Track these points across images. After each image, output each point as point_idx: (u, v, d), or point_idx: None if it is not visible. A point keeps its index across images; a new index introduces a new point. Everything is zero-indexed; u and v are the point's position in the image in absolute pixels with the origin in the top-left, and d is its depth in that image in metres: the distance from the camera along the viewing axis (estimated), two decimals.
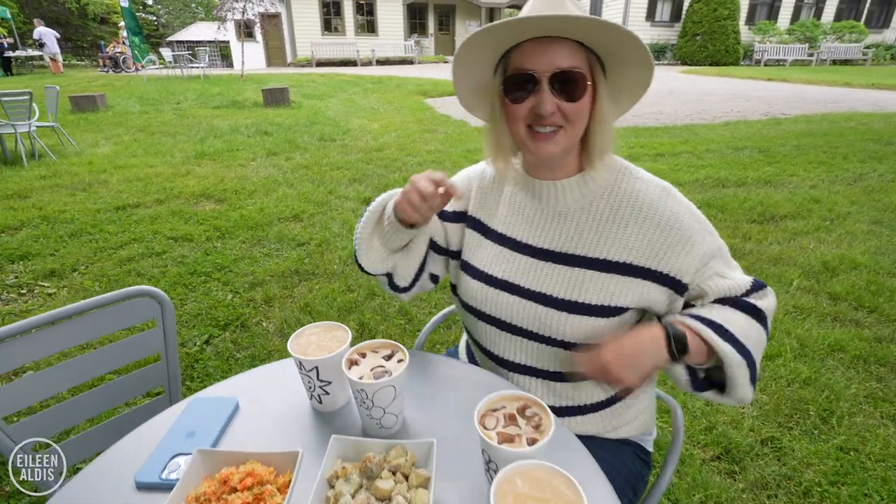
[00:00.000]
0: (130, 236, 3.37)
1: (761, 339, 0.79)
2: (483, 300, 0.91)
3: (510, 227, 0.90)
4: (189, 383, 1.97)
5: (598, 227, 0.83)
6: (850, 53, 19.64)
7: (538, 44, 0.74)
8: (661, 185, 0.83)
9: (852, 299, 2.56)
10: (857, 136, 6.23)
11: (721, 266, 0.81)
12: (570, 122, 0.76)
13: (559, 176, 0.85)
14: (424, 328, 1.20)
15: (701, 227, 0.80)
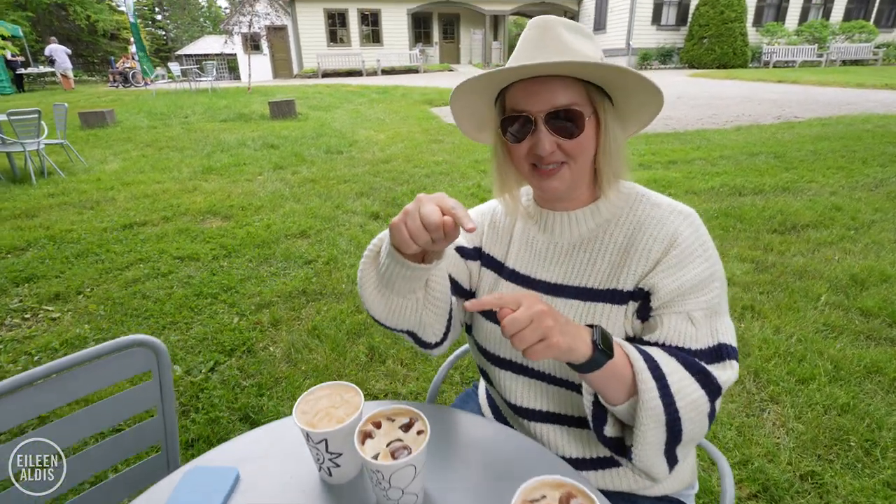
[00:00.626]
0: (136, 256, 3.32)
1: (698, 412, 0.65)
2: (498, 343, 0.85)
3: (523, 264, 0.86)
4: (194, 415, 1.89)
5: (612, 257, 0.77)
6: (861, 53, 19.39)
7: (531, 83, 0.70)
8: (681, 211, 0.76)
9: (886, 315, 2.43)
10: (875, 139, 6.07)
11: (698, 308, 0.70)
12: (572, 158, 0.73)
13: (571, 207, 0.81)
14: (436, 376, 1.11)
15: (702, 253, 0.72)
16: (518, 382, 0.84)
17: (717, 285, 0.72)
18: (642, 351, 0.67)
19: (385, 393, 2.02)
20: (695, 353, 0.69)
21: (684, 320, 0.70)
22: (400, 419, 0.66)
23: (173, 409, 0.92)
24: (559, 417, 0.82)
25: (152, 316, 2.60)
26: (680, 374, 0.66)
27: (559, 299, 0.80)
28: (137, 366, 0.90)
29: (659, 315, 0.72)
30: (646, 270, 0.73)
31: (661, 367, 0.65)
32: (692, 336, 0.70)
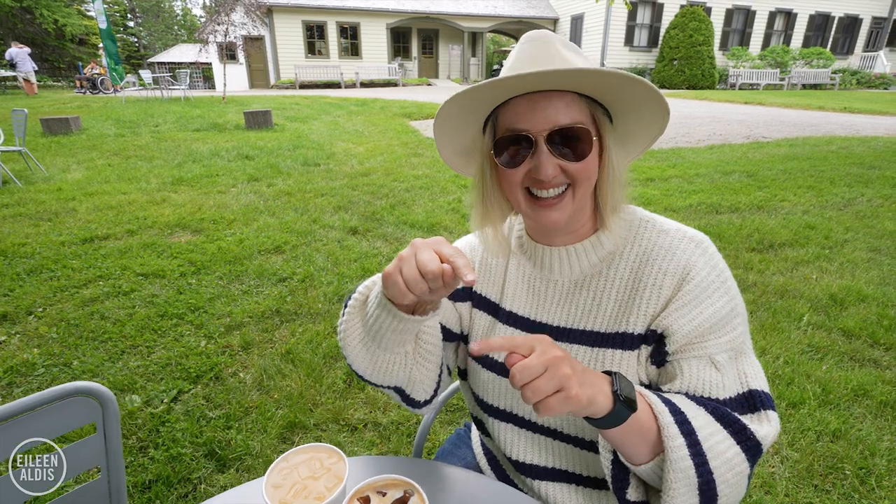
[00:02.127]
0: (96, 273, 3.11)
1: (735, 473, 0.57)
2: (497, 394, 0.76)
3: (521, 305, 0.77)
4: (153, 451, 1.72)
5: (619, 295, 0.69)
6: (819, 78, 20.39)
7: (530, 99, 0.62)
8: (691, 237, 0.68)
9: (867, 336, 2.44)
10: (840, 160, 6.30)
11: (721, 350, 0.62)
12: (577, 183, 0.65)
13: (570, 241, 0.72)
14: (420, 426, 1.00)
15: (720, 286, 0.64)
16: (520, 437, 0.76)
17: (739, 321, 0.65)
18: (667, 401, 0.59)
19: (365, 423, 1.89)
20: (723, 404, 0.61)
21: (707, 365, 0.62)
22: (393, 492, 0.56)
23: (121, 467, 0.79)
24: (568, 475, 0.73)
25: (110, 339, 2.40)
26: (712, 427, 0.58)
27: (563, 344, 0.71)
28: (80, 417, 0.76)
29: (677, 361, 0.64)
30: (657, 309, 0.66)
31: (690, 420, 0.57)
32: (718, 384, 0.62)
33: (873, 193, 4.85)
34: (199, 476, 1.64)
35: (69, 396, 0.75)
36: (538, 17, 22.52)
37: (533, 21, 22.61)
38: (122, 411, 1.90)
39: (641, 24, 20.19)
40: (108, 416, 0.77)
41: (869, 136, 8.08)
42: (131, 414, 1.90)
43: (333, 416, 1.91)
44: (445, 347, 0.81)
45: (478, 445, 0.94)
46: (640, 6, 19.85)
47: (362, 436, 1.83)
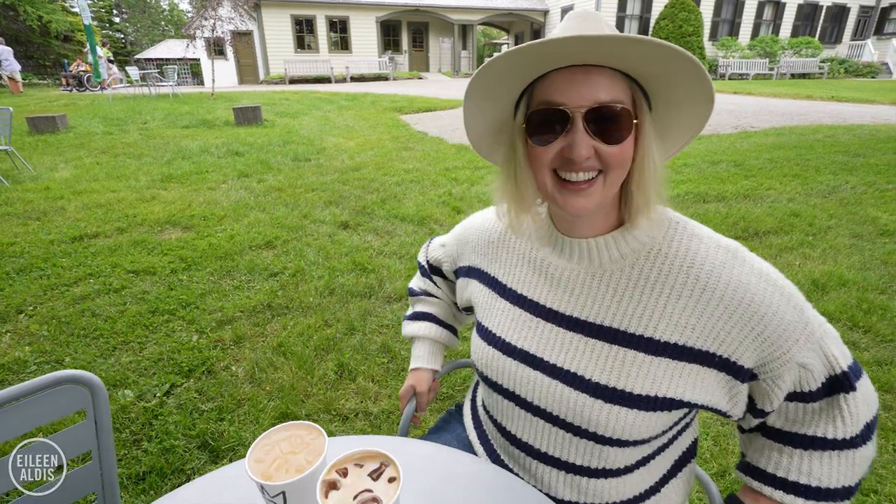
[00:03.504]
0: (86, 271, 3.11)
1: (863, 467, 0.65)
2: (499, 371, 0.75)
3: (530, 288, 0.75)
4: (146, 444, 1.75)
5: (643, 296, 0.66)
6: (808, 67, 20.52)
7: (570, 73, 0.58)
8: (726, 246, 0.64)
9: (846, 319, 2.51)
10: (826, 148, 6.38)
11: (805, 353, 0.62)
12: (609, 169, 0.61)
13: (593, 233, 0.69)
14: (402, 420, 1.03)
15: (781, 299, 0.61)
16: (519, 415, 0.76)
17: (808, 318, 0.62)
18: (789, 485, 0.66)
19: (356, 412, 1.93)
20: (812, 395, 0.64)
21: (797, 370, 0.63)
22: (369, 464, 0.59)
23: (112, 452, 0.81)
24: (559, 463, 0.74)
25: (102, 336, 2.42)
26: (825, 465, 0.65)
27: (576, 335, 0.69)
28: (70, 405, 0.79)
29: (770, 379, 0.63)
30: (698, 326, 0.62)
31: (815, 486, 0.65)
32: (809, 379, 0.63)
33: (857, 181, 4.93)
34: (193, 467, 1.66)
35: (59, 385, 0.77)
36: (529, 8, 22.45)
37: (524, 13, 22.54)
38: (115, 406, 1.92)
39: (631, 14, 20.21)
40: (98, 402, 0.79)
41: (855, 125, 8.17)
42: (124, 408, 1.92)
43: (325, 407, 1.94)
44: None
45: (469, 425, 0.95)
46: None
47: (353, 425, 1.86)
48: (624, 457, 0.70)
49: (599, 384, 0.66)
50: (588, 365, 0.68)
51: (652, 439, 0.69)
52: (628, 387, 0.65)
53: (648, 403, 0.64)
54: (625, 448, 0.69)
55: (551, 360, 0.70)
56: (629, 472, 0.73)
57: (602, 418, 0.65)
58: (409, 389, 1.03)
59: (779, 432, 0.68)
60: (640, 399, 0.64)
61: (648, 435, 0.67)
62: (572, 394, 0.68)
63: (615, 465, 0.71)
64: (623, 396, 0.65)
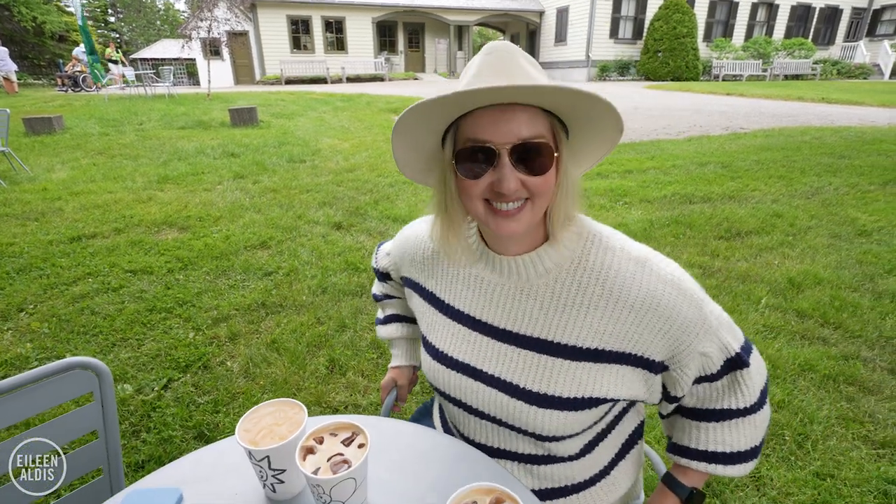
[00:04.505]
0: (85, 270, 3.19)
1: (763, 427, 0.79)
2: (445, 383, 0.83)
3: (466, 303, 0.81)
4: (145, 435, 1.84)
5: (566, 308, 0.73)
6: (801, 69, 20.73)
7: (493, 111, 0.63)
8: (636, 257, 0.71)
9: (818, 316, 2.61)
10: (812, 150, 6.51)
11: (705, 343, 0.71)
12: (535, 197, 0.67)
13: (520, 250, 0.75)
14: (382, 410, 1.12)
15: (684, 301, 0.69)
16: (471, 420, 0.83)
17: (705, 305, 0.71)
18: (708, 455, 0.78)
19: (345, 405, 2.02)
20: (714, 376, 0.75)
21: (699, 358, 0.72)
22: (342, 434, 0.68)
23: (117, 431, 0.90)
24: (514, 455, 0.82)
25: (101, 333, 2.50)
26: (734, 432, 0.77)
27: (510, 347, 0.76)
28: (79, 388, 0.88)
29: (678, 368, 0.73)
30: (614, 332, 0.71)
31: (729, 452, 0.77)
32: (709, 365, 0.74)
33: (840, 182, 5.05)
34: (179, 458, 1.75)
35: (68, 370, 0.86)
36: (524, 9, 22.58)
37: (519, 14, 22.67)
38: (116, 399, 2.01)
39: (626, 16, 20.36)
40: (104, 386, 0.88)
41: (842, 127, 8.31)
42: (124, 401, 2.01)
43: (316, 400, 2.03)
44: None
45: (437, 419, 1.02)
46: None
47: None
48: (566, 447, 0.79)
49: (531, 391, 0.74)
50: (521, 374, 0.75)
51: (586, 430, 0.78)
52: (556, 391, 0.73)
53: (575, 404, 0.73)
54: (563, 441, 0.78)
55: (489, 371, 0.77)
56: (575, 460, 0.82)
57: (537, 421, 0.74)
58: (390, 381, 1.13)
59: (693, 411, 0.80)
60: (567, 401, 0.73)
61: (581, 429, 0.76)
62: (510, 401, 0.75)
63: (561, 453, 0.80)
64: (552, 400, 0.73)
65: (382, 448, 0.78)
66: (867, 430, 1.85)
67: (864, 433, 1.84)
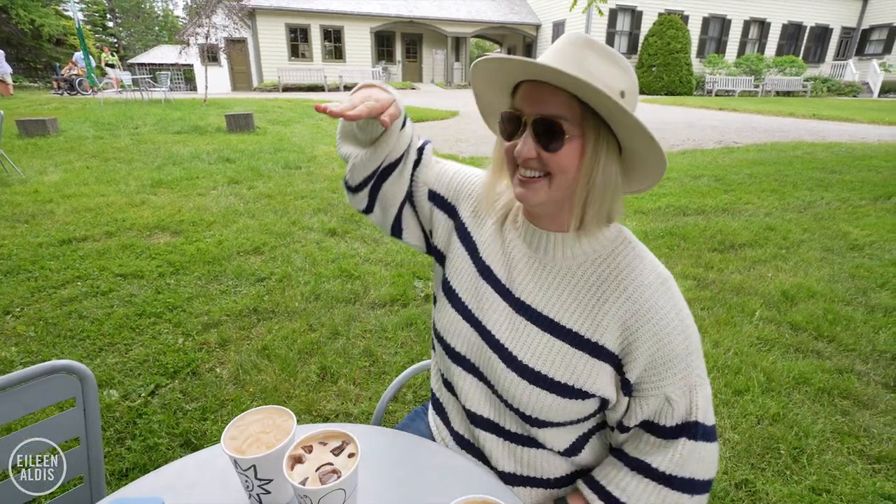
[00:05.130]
0: (74, 273, 3.14)
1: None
2: (455, 333, 0.83)
3: (495, 263, 0.83)
4: (130, 442, 1.79)
5: (580, 295, 0.75)
6: (792, 86, 21.07)
7: (533, 86, 0.70)
8: (660, 273, 0.74)
9: (812, 329, 2.61)
10: (804, 165, 6.59)
11: (676, 391, 0.71)
12: (552, 173, 0.70)
13: (552, 228, 0.77)
14: (382, 398, 1.10)
15: (684, 340, 0.71)
16: (467, 380, 0.83)
17: (694, 358, 0.72)
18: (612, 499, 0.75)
19: (336, 413, 1.99)
20: (667, 430, 0.72)
21: (663, 402, 0.72)
22: (332, 442, 0.66)
23: (99, 437, 0.87)
24: (500, 430, 0.82)
25: (88, 337, 2.45)
26: (654, 496, 0.73)
27: (519, 317, 0.77)
28: (61, 393, 0.85)
29: (639, 398, 0.73)
30: (616, 332, 0.72)
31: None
32: (668, 413, 0.72)
33: (832, 196, 5.10)
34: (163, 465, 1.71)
35: (51, 374, 0.84)
36: (521, 22, 22.85)
37: (516, 27, 22.93)
38: (101, 405, 1.96)
39: (621, 31, 20.65)
40: (87, 390, 0.85)
41: (833, 142, 8.43)
42: (109, 407, 1.96)
43: (306, 408, 1.99)
44: (409, 215, 0.93)
45: (432, 418, 1.01)
46: (619, 13, 20.29)
47: None
48: (551, 438, 0.79)
49: (528, 367, 0.75)
50: (524, 348, 0.76)
51: (571, 425, 0.78)
52: (551, 373, 0.74)
53: (566, 391, 0.74)
54: (547, 429, 0.78)
55: (497, 336, 0.79)
56: (566, 456, 0.81)
57: (524, 398, 0.75)
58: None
59: (621, 452, 0.78)
60: (558, 385, 0.74)
61: (565, 419, 0.76)
62: (505, 371, 0.77)
63: (544, 442, 0.79)
64: (545, 381, 0.74)
65: (374, 457, 0.76)
66: (862, 445, 1.84)
67: (860, 447, 1.83)
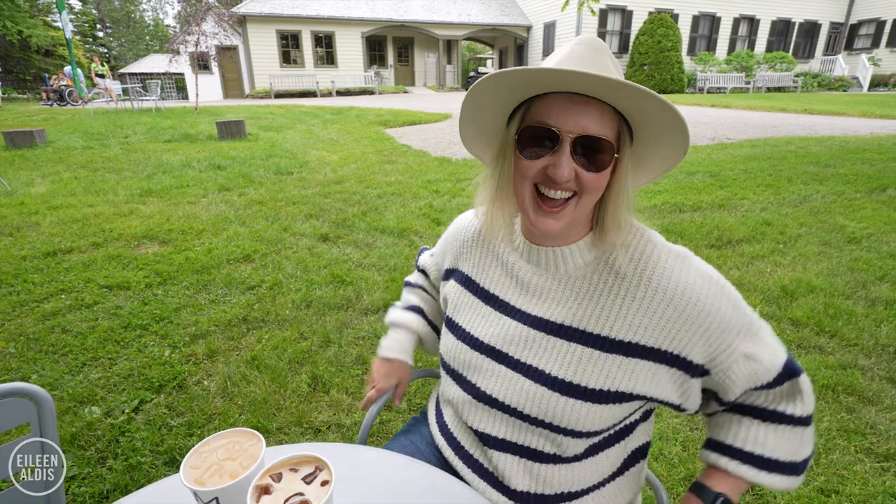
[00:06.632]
0: (58, 286, 3.06)
1: (809, 445, 0.73)
2: (464, 363, 0.80)
3: (499, 286, 0.81)
4: (111, 462, 1.72)
5: (602, 298, 0.71)
6: (783, 81, 21.17)
7: (568, 100, 0.64)
8: (676, 252, 0.70)
9: (813, 324, 2.57)
10: (798, 159, 6.57)
11: (747, 344, 0.68)
12: (584, 193, 0.67)
13: (558, 244, 0.74)
14: (367, 415, 1.03)
15: (723, 297, 0.67)
16: (478, 408, 0.80)
17: (748, 317, 0.69)
18: (744, 455, 0.72)
19: (328, 425, 1.92)
20: (771, 384, 0.70)
21: (744, 361, 0.69)
22: (303, 469, 0.59)
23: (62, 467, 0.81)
24: (517, 448, 0.77)
25: (71, 352, 2.37)
26: (778, 437, 0.71)
27: (540, 333, 0.74)
28: (13, 419, 0.78)
29: (721, 370, 0.69)
30: (650, 325, 0.68)
31: (767, 456, 0.71)
32: (762, 371, 0.69)
33: (827, 190, 5.08)
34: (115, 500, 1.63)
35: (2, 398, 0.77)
36: (512, 24, 22.89)
37: (507, 28, 22.96)
38: (81, 423, 1.89)
39: (612, 30, 20.70)
40: (44, 415, 0.78)
41: (826, 136, 8.43)
42: (90, 425, 1.89)
43: (297, 420, 1.92)
44: None
45: (434, 424, 0.96)
46: (609, 13, 20.36)
47: (325, 437, 1.85)
48: (576, 445, 0.74)
49: (557, 378, 0.71)
50: (548, 360, 0.72)
51: (607, 430, 0.74)
52: (584, 381, 0.70)
53: (602, 397, 0.69)
54: (578, 438, 0.73)
55: (514, 356, 0.75)
56: (578, 461, 0.76)
57: (558, 410, 0.70)
58: (391, 372, 1.01)
59: (741, 406, 0.74)
60: (593, 393, 0.69)
61: (601, 427, 0.72)
62: (532, 386, 0.72)
63: (568, 451, 0.75)
64: (578, 390, 0.70)
65: (353, 480, 0.70)
66: (870, 443, 1.79)
67: (867, 445, 1.77)
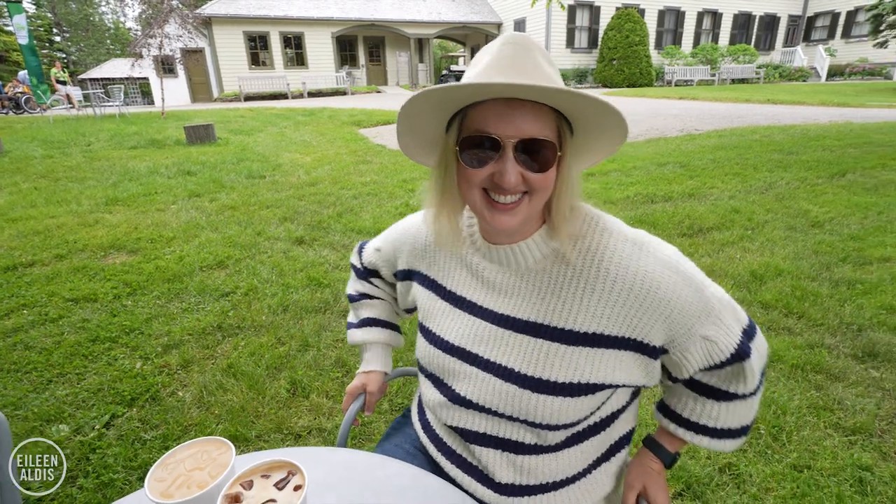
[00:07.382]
0: (19, 302, 2.93)
1: (755, 407, 0.78)
2: (440, 368, 0.81)
3: (466, 288, 0.81)
4: (82, 480, 1.65)
5: (563, 292, 0.71)
6: (746, 73, 21.79)
7: (504, 105, 0.63)
8: (633, 239, 0.70)
9: (782, 306, 2.65)
10: (763, 147, 6.77)
11: (707, 327, 0.69)
12: (534, 192, 0.67)
13: (515, 240, 0.74)
14: (348, 413, 1.01)
15: (682, 283, 0.68)
16: (456, 409, 0.81)
17: (709, 296, 0.69)
18: (694, 426, 0.78)
19: (309, 430, 1.89)
20: (730, 358, 0.72)
21: (702, 343, 0.70)
22: (275, 475, 0.58)
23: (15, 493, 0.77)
24: (498, 441, 0.78)
25: (35, 369, 2.28)
26: (727, 411, 0.76)
27: (507, 331, 0.75)
28: None
29: (679, 352, 0.71)
30: (612, 315, 0.68)
31: (716, 427, 0.77)
32: (716, 351, 0.71)
33: (791, 177, 5.25)
34: None
35: None
36: (482, 21, 22.94)
37: (477, 26, 23.01)
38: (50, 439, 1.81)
39: (581, 26, 20.96)
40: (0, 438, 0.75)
41: (788, 125, 8.71)
42: (59, 443, 1.81)
43: (276, 426, 1.89)
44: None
45: (417, 424, 0.96)
46: (577, 9, 20.60)
47: (306, 443, 1.82)
48: (555, 436, 0.75)
49: (527, 375, 0.72)
50: (516, 358, 0.73)
51: (581, 421, 0.74)
52: (552, 376, 0.70)
53: (572, 390, 0.70)
54: (556, 431, 0.74)
55: (484, 355, 0.76)
56: (561, 450, 0.77)
57: (531, 406, 0.71)
58: (358, 387, 1.05)
59: (698, 384, 0.77)
60: (563, 387, 0.70)
61: (576, 418, 0.73)
62: (503, 385, 0.73)
63: (549, 441, 0.76)
64: (548, 385, 0.70)
65: (330, 484, 0.68)
66: (837, 418, 1.85)
67: (836, 420, 1.84)
